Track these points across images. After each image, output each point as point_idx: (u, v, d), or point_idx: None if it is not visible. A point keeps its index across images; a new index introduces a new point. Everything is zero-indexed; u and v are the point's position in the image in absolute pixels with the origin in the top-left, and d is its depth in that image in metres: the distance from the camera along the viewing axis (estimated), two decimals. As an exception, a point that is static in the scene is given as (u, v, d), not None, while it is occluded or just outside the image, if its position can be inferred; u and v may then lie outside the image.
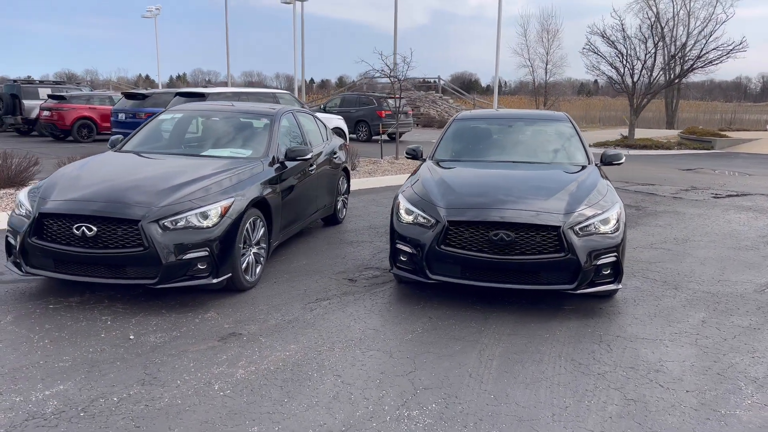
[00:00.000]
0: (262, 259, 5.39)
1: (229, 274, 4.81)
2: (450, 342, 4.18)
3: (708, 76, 28.18)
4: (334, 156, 7.71)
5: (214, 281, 4.70)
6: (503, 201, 4.80)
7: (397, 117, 16.00)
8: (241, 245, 4.93)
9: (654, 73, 22.69)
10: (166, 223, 4.52)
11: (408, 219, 4.99)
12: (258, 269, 5.31)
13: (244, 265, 5.01)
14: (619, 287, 4.81)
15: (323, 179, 7.18)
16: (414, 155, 6.54)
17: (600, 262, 4.64)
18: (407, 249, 4.90)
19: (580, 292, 4.67)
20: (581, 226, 4.65)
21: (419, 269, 4.84)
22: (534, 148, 6.40)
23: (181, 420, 3.11)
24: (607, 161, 6.12)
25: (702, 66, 22.44)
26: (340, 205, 7.95)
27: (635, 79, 22.11)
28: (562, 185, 5.15)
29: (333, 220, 7.85)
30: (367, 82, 28.96)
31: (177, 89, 16.54)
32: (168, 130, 6.59)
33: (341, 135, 15.87)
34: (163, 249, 4.45)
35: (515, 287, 4.69)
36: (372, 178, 11.90)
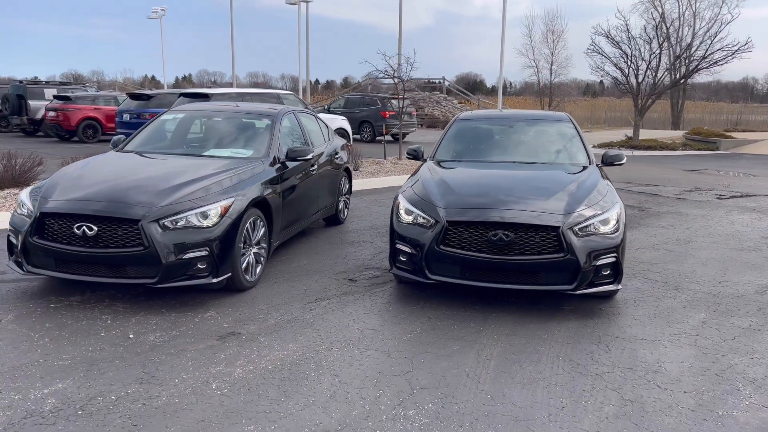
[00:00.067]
0: (262, 259, 5.41)
1: (229, 273, 4.83)
2: (448, 342, 4.18)
3: (714, 76, 28.11)
4: (335, 156, 7.72)
5: (213, 281, 4.72)
6: (502, 201, 4.80)
7: (401, 117, 16.00)
8: (241, 245, 4.95)
9: (659, 74, 22.62)
10: (166, 223, 4.54)
11: (408, 219, 4.99)
12: (258, 269, 5.32)
13: (244, 265, 5.03)
14: (619, 288, 4.80)
15: (325, 179, 7.19)
16: (415, 155, 6.55)
17: (599, 262, 4.63)
18: (407, 249, 4.90)
19: (579, 292, 4.66)
20: (581, 226, 4.64)
21: (419, 269, 4.85)
22: (535, 148, 6.39)
23: (178, 419, 3.12)
24: (608, 162, 6.11)
25: (707, 66, 22.38)
26: (341, 206, 7.96)
27: (640, 80, 22.05)
28: (562, 186, 5.14)
29: (334, 220, 7.86)
30: (372, 82, 28.91)
31: (181, 90, 16.57)
32: (170, 130, 6.61)
33: (345, 136, 15.89)
34: (163, 248, 4.47)
35: (514, 287, 4.69)
36: (375, 178, 11.91)
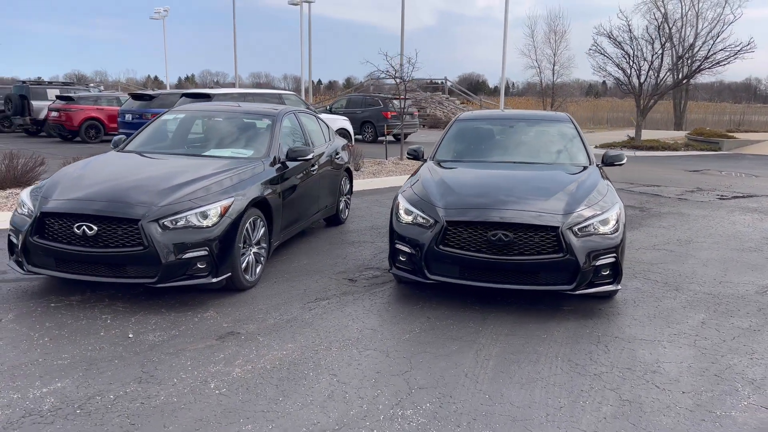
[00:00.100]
0: (262, 259, 5.42)
1: (229, 273, 4.83)
2: (447, 342, 4.19)
3: (717, 77, 28.01)
4: (336, 156, 7.72)
5: (213, 281, 4.72)
6: (502, 201, 4.79)
7: (402, 118, 16.00)
8: (241, 245, 4.96)
9: (661, 74, 22.58)
10: (165, 223, 4.55)
11: (407, 219, 4.99)
12: (258, 269, 5.33)
13: (244, 265, 5.04)
14: (619, 288, 4.80)
15: (325, 179, 7.20)
16: (415, 156, 6.56)
17: (599, 262, 4.63)
18: (406, 249, 4.91)
19: (578, 292, 4.66)
20: (580, 226, 4.64)
21: (418, 269, 4.85)
22: (535, 148, 6.38)
23: (176, 418, 3.13)
24: (609, 162, 6.11)
25: (709, 67, 22.30)
26: (342, 206, 7.96)
27: (642, 80, 22.00)
28: (561, 186, 5.14)
29: (335, 220, 7.86)
30: (374, 83, 28.90)
31: (183, 90, 16.62)
32: (170, 130, 6.62)
33: (346, 136, 15.90)
34: (163, 248, 4.48)
35: (513, 288, 4.69)
36: (376, 179, 11.91)
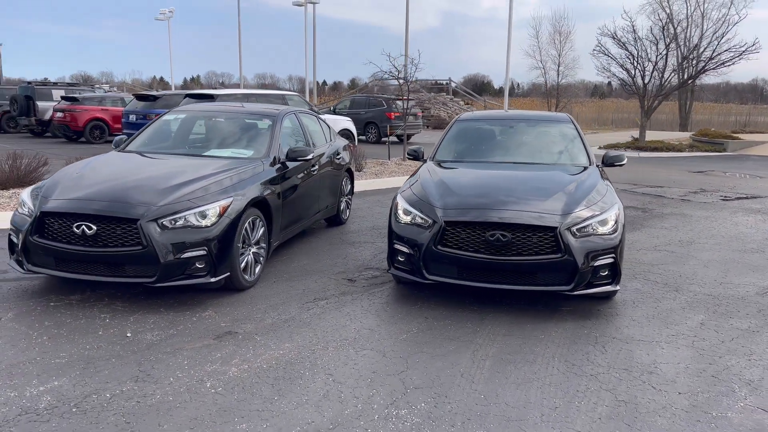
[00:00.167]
0: (261, 259, 5.43)
1: (228, 273, 4.85)
2: (444, 342, 4.19)
3: (723, 78, 28.08)
4: (337, 157, 7.73)
5: (212, 280, 4.74)
6: (500, 202, 4.79)
7: (405, 119, 16.00)
8: (240, 245, 4.97)
9: (665, 75, 22.50)
10: (164, 222, 4.56)
11: (406, 219, 4.99)
12: (257, 269, 5.34)
13: (243, 265, 5.05)
14: (617, 289, 4.79)
15: (326, 180, 7.21)
16: (415, 156, 6.56)
17: (597, 263, 4.62)
18: (405, 249, 4.91)
19: (577, 293, 4.65)
20: (579, 227, 4.63)
21: (416, 269, 4.85)
22: (535, 149, 6.37)
23: (171, 416, 3.14)
24: (609, 162, 6.10)
25: (714, 67, 22.23)
26: (343, 206, 7.97)
27: (646, 81, 21.94)
28: (560, 186, 5.13)
29: (336, 220, 7.87)
30: (379, 84, 28.90)
31: (187, 91, 16.67)
32: (171, 130, 6.65)
33: (350, 137, 15.91)
34: (162, 248, 4.50)
35: (511, 288, 4.68)
36: (378, 179, 11.92)
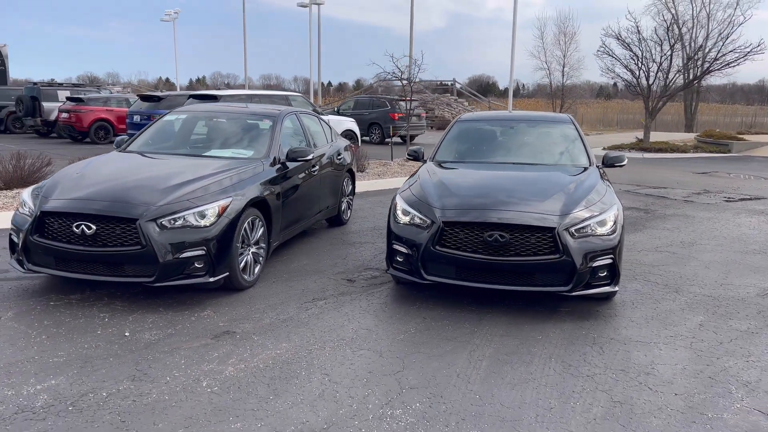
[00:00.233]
0: (261, 259, 5.44)
1: (227, 273, 4.86)
2: (441, 342, 4.19)
3: (729, 79, 27.98)
4: (338, 157, 7.74)
5: (210, 280, 4.75)
6: (498, 202, 4.78)
7: (408, 119, 16.00)
8: (239, 245, 4.98)
9: (670, 76, 22.43)
10: (163, 222, 4.58)
11: (404, 220, 5.00)
12: (257, 269, 5.35)
13: (242, 265, 5.06)
14: (616, 289, 4.78)
15: (327, 180, 7.21)
16: (415, 157, 6.56)
17: (596, 264, 4.61)
18: (403, 249, 4.91)
19: (575, 294, 4.64)
20: (577, 227, 4.62)
21: (415, 270, 4.85)
22: (535, 149, 6.36)
23: (166, 415, 3.15)
24: (609, 163, 6.08)
25: (719, 68, 22.15)
26: (344, 207, 7.98)
27: (650, 82, 21.87)
28: (559, 187, 5.12)
29: (337, 221, 7.88)
30: (383, 84, 28.90)
31: (191, 92, 16.73)
32: (172, 130, 6.67)
33: (353, 138, 15.92)
34: (161, 247, 4.52)
35: (510, 288, 4.68)
36: (381, 180, 11.92)
